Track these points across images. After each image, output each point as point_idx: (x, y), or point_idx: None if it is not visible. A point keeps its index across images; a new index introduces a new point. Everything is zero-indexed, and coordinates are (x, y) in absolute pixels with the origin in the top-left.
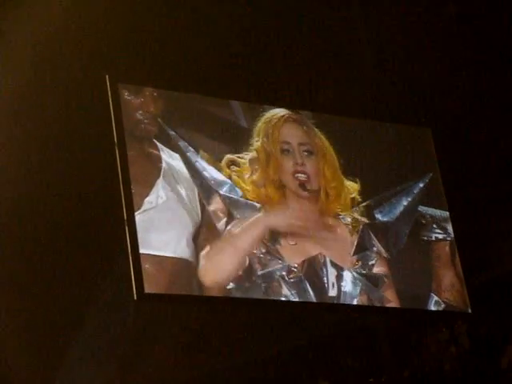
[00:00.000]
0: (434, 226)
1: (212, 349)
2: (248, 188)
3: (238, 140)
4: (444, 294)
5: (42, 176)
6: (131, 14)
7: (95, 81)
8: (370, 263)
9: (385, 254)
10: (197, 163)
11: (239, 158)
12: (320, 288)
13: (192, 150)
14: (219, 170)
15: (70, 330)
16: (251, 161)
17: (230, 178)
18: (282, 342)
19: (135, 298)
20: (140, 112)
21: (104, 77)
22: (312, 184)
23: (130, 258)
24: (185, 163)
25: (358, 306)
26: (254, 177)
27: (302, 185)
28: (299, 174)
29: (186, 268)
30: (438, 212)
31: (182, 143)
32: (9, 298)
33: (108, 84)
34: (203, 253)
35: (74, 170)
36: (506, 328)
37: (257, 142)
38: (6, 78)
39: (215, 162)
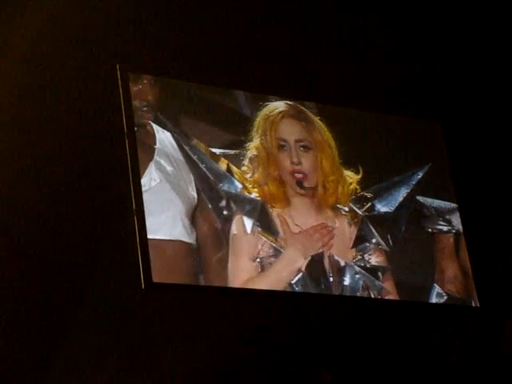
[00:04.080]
0: (439, 218)
1: (218, 339)
2: (250, 186)
3: (240, 128)
4: (447, 285)
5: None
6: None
7: (101, 69)
8: (369, 255)
9: (384, 246)
10: (194, 154)
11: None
12: (323, 284)
13: (189, 139)
14: (216, 161)
15: (69, 324)
16: (251, 159)
17: (228, 169)
18: (287, 333)
19: (143, 287)
20: (138, 100)
21: (114, 66)
22: (310, 181)
23: (139, 247)
24: (181, 151)
25: (365, 299)
26: (256, 175)
27: (299, 182)
28: (296, 174)
29: (183, 249)
30: (442, 204)
31: (178, 132)
32: (4, 289)
33: (119, 73)
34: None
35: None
36: None
37: (256, 140)
38: (14, 68)
39: (212, 153)
